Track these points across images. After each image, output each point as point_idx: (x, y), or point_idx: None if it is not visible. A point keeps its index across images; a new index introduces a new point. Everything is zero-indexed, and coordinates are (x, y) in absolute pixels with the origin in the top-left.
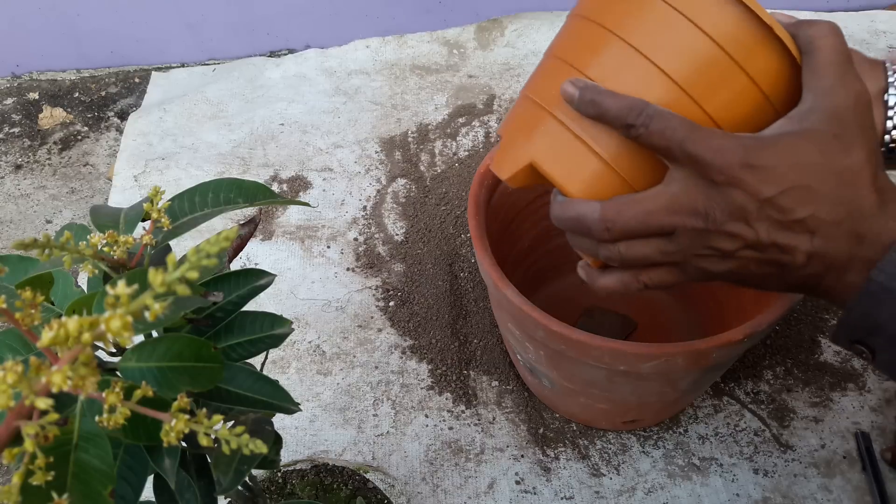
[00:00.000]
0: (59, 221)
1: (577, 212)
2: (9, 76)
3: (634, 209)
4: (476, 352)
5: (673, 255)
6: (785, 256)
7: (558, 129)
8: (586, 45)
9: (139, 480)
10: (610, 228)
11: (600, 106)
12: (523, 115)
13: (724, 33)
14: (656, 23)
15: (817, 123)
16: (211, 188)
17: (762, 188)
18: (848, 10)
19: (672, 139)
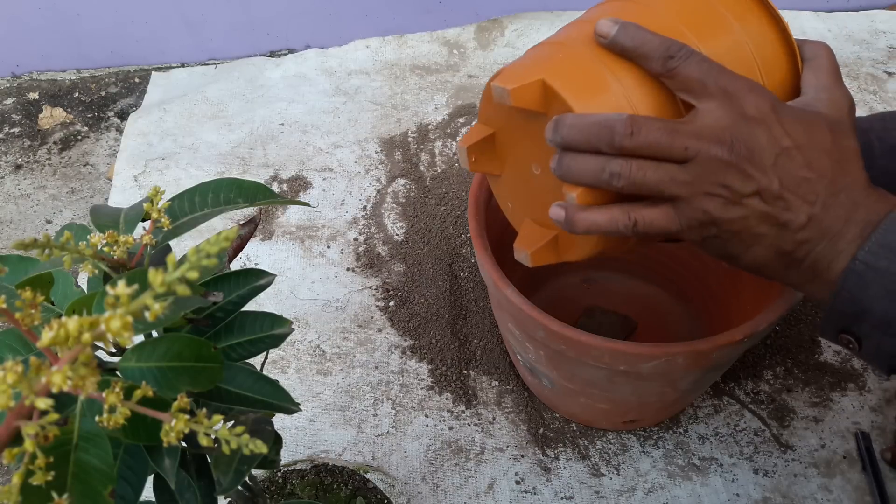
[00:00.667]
0: (59, 221)
1: (603, 116)
2: (9, 76)
3: (663, 124)
4: (476, 352)
5: (682, 185)
6: (787, 214)
7: (577, 54)
8: (609, 11)
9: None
10: (635, 133)
11: (643, 38)
12: (535, 52)
13: (750, 29)
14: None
15: (822, 108)
16: (211, 188)
17: (783, 138)
18: (848, 10)
19: (709, 71)
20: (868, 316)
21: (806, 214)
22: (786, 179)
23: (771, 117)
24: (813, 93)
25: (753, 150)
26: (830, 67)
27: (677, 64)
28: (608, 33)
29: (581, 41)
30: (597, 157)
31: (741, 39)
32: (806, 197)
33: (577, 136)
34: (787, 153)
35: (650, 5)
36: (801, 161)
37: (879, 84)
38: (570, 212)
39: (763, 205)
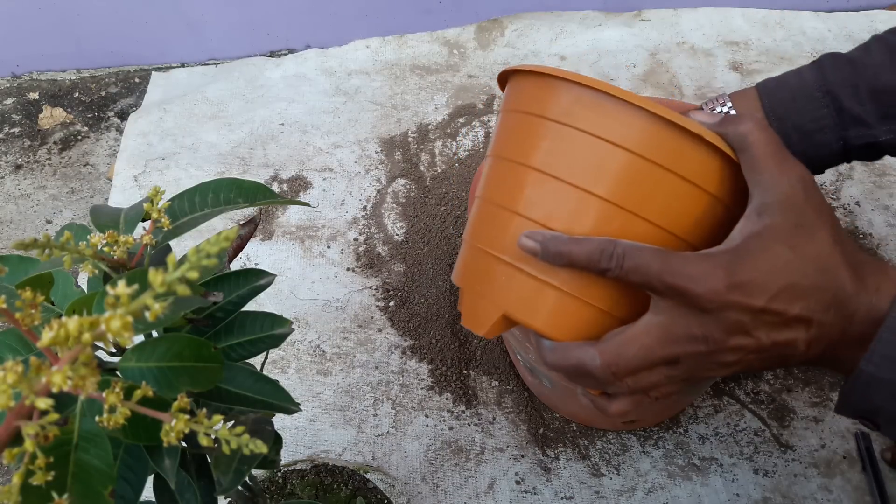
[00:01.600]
0: (59, 221)
1: (577, 359)
2: (9, 76)
3: (634, 348)
4: (476, 352)
5: (679, 376)
6: (787, 349)
7: (522, 278)
8: (515, 185)
9: (139, 480)
10: (615, 372)
11: (569, 256)
12: (477, 266)
13: (648, 147)
14: (579, 151)
15: (776, 218)
16: (211, 188)
17: (753, 301)
18: (848, 10)
19: (649, 274)
20: (880, 413)
21: (804, 342)
22: (772, 331)
23: (732, 296)
24: (760, 195)
25: (730, 330)
26: (766, 151)
27: (615, 274)
28: (535, 251)
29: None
30: (592, 381)
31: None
32: (796, 331)
33: (562, 369)
34: (764, 310)
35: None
36: (780, 307)
37: None
38: (598, 404)
39: (761, 354)
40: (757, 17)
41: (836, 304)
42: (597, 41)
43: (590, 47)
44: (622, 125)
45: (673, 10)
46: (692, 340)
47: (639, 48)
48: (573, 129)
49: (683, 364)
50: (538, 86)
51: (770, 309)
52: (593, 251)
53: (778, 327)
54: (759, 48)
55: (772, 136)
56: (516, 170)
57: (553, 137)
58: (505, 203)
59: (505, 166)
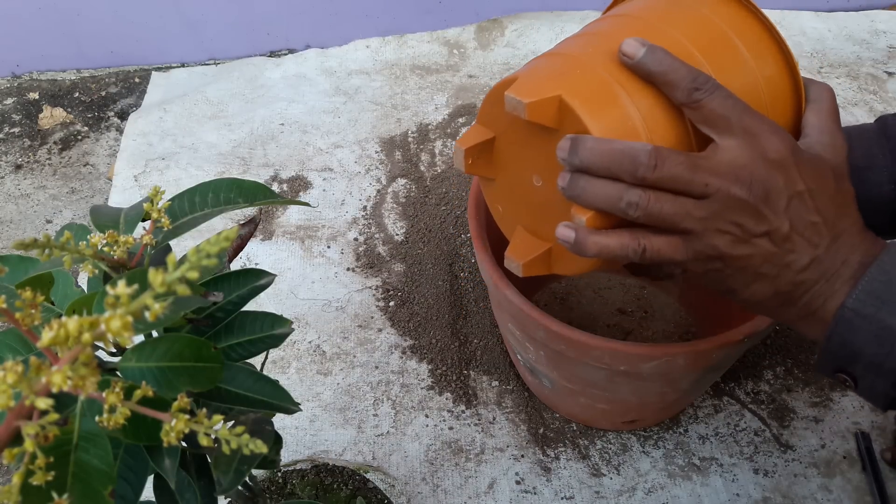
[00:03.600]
0: (59, 221)
1: (626, 145)
2: (9, 76)
3: (685, 159)
4: (476, 352)
5: (696, 221)
6: (791, 255)
7: (595, 73)
8: (624, 25)
9: (139, 480)
10: (658, 166)
11: (671, 65)
12: (546, 62)
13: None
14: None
15: (825, 153)
16: (211, 188)
17: (798, 182)
18: (848, 10)
19: (734, 108)
20: (859, 358)
21: (809, 257)
22: (796, 222)
23: (789, 161)
24: (816, 135)
25: (770, 192)
26: (832, 111)
27: (703, 97)
28: (634, 55)
29: (599, 58)
30: (614, 183)
31: (753, 72)
32: (811, 240)
33: (596, 160)
34: (800, 197)
35: (665, 27)
36: (811, 205)
37: (879, 84)
38: (580, 234)
39: (771, 245)
40: None
41: (844, 235)
42: None
43: None
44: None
45: None
46: (737, 181)
47: None
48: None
49: (712, 204)
50: None
51: (805, 198)
52: (693, 70)
53: (803, 215)
54: None
55: (837, 108)
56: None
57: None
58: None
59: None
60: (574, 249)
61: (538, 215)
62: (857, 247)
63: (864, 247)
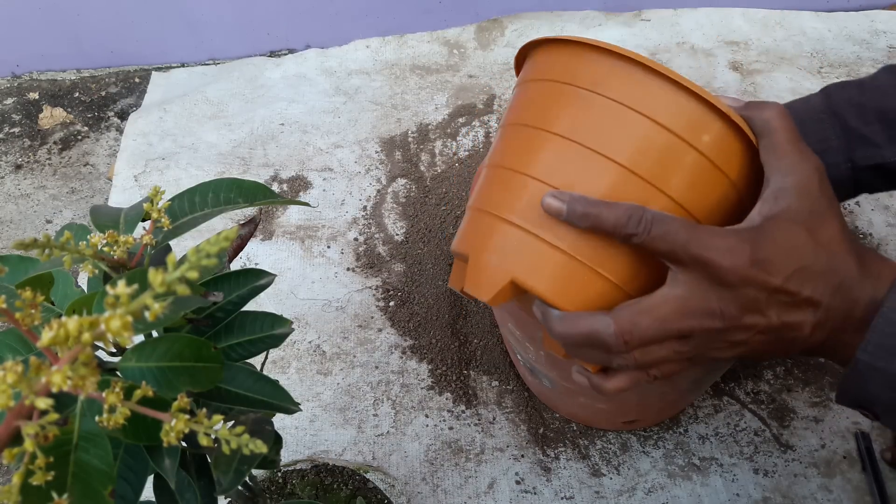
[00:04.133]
0: (59, 221)
1: (590, 328)
2: (9, 76)
3: (649, 319)
4: (476, 352)
5: (688, 352)
6: (793, 332)
7: (532, 241)
8: (535, 151)
9: (139, 480)
10: (628, 341)
11: (596, 218)
12: (483, 230)
13: (676, 121)
14: (607, 119)
15: (793, 202)
16: (211, 188)
17: (770, 279)
18: (848, 10)
19: (676, 243)
20: (877, 402)
21: (810, 326)
22: (783, 311)
23: (750, 273)
24: (778, 179)
25: (745, 307)
26: (786, 137)
27: (641, 239)
28: (559, 213)
29: (519, 209)
30: (600, 352)
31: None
32: (805, 313)
33: (570, 338)
34: (779, 290)
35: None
36: (794, 287)
37: None
38: (593, 381)
39: (768, 337)
40: (757, 17)
41: (842, 288)
42: None
43: None
44: (654, 97)
45: (673, 9)
46: (708, 315)
47: (639, 48)
48: (604, 98)
49: (695, 340)
50: (570, 54)
51: (784, 289)
52: (621, 215)
53: (789, 308)
54: (759, 48)
55: (792, 124)
56: (537, 135)
57: (581, 105)
58: (522, 168)
59: (524, 132)
60: (594, 392)
61: None
62: (861, 284)
63: (864, 293)
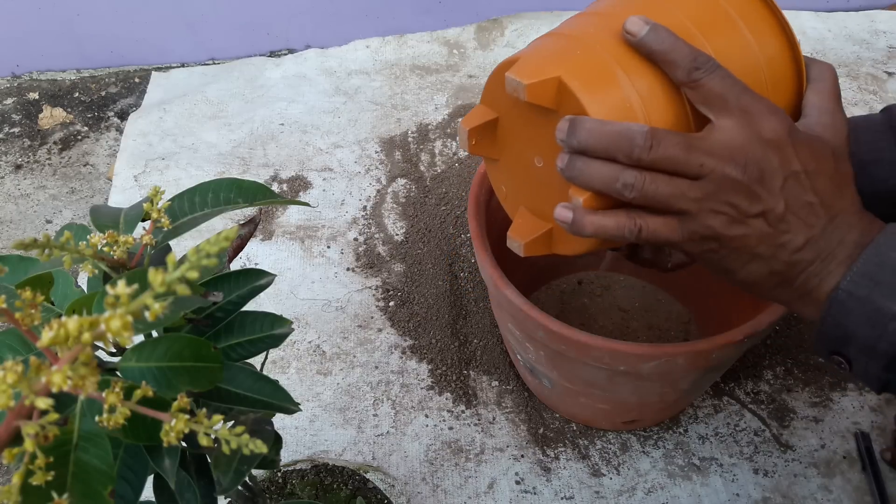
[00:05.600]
0: (59, 221)
1: (623, 126)
2: (9, 76)
3: (681, 139)
4: (476, 352)
5: (691, 201)
6: (787, 235)
7: (595, 53)
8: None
9: (139, 480)
10: (654, 146)
11: (673, 44)
12: (546, 43)
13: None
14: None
15: (824, 133)
16: (211, 188)
17: (794, 162)
18: (848, 10)
19: (732, 88)
20: (853, 340)
21: (804, 237)
22: (791, 203)
23: (785, 141)
24: (816, 115)
25: (765, 173)
26: (834, 91)
27: (702, 76)
28: (637, 32)
29: (602, 37)
30: (610, 164)
31: (755, 53)
32: (807, 220)
33: (593, 141)
34: (796, 177)
35: (669, 7)
36: (807, 186)
37: (879, 84)
38: (577, 214)
39: (766, 226)
40: None
41: (841, 216)
42: None
43: None
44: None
45: None
46: (732, 162)
47: None
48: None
49: (707, 185)
50: None
51: (801, 178)
52: (694, 50)
53: (799, 195)
54: None
55: (838, 84)
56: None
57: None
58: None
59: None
60: (571, 230)
61: (540, 195)
62: (855, 227)
63: (862, 227)
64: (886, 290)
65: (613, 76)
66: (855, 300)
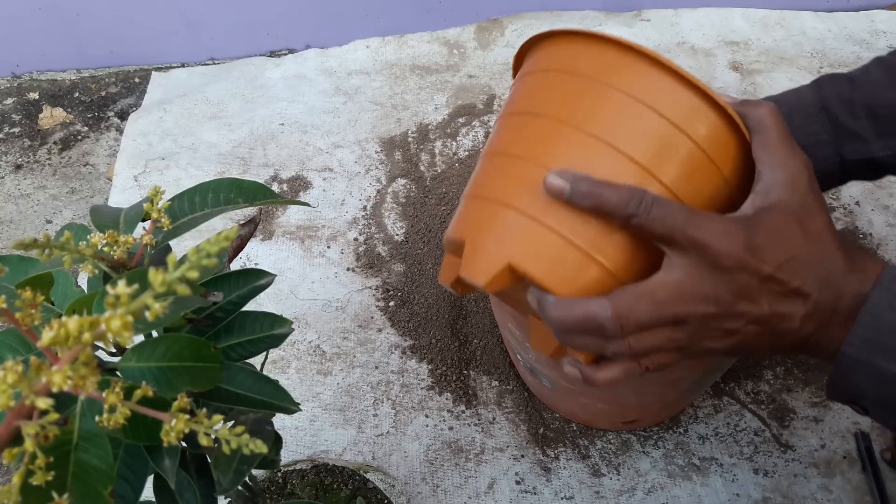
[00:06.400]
0: (59, 221)
1: (586, 311)
2: (9, 76)
3: (646, 302)
4: (476, 352)
5: (680, 341)
6: (784, 324)
7: (531, 225)
8: (538, 138)
9: (139, 480)
10: (624, 325)
11: (598, 197)
12: (481, 216)
13: (675, 111)
14: (607, 107)
15: (784, 196)
16: (211, 188)
17: (762, 266)
18: (848, 10)
19: (674, 225)
20: (865, 396)
21: (799, 318)
22: (774, 300)
23: (745, 257)
24: (769, 174)
25: (738, 293)
26: (778, 134)
27: (640, 220)
28: (561, 192)
29: (520, 194)
30: (595, 339)
31: (685, 142)
32: (794, 305)
33: (566, 324)
34: (771, 278)
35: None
36: (784, 276)
37: None
38: (585, 372)
39: (759, 327)
40: (757, 17)
41: (829, 281)
42: None
43: None
44: (655, 87)
45: (673, 10)
46: (703, 299)
47: None
48: (605, 86)
49: (689, 327)
50: (572, 45)
51: (776, 277)
52: (623, 195)
53: (779, 297)
54: (759, 48)
55: (783, 122)
56: (537, 122)
57: (581, 93)
58: (524, 154)
59: (523, 120)
60: (585, 384)
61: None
62: (848, 276)
63: (856, 273)
64: (888, 352)
65: (557, 241)
66: (860, 364)
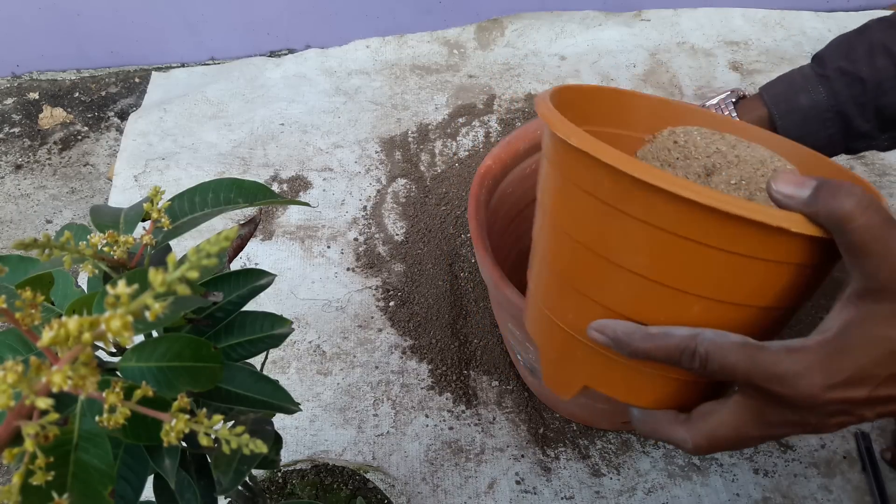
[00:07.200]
0: (59, 221)
1: (668, 436)
2: (9, 76)
3: (726, 430)
4: (476, 352)
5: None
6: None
7: (599, 357)
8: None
9: (139, 480)
10: (707, 450)
11: (645, 354)
12: (553, 335)
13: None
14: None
15: (880, 304)
16: (211, 188)
17: (856, 394)
18: (848, 10)
19: (736, 374)
20: None
21: None
22: (878, 408)
23: (827, 396)
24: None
25: (830, 415)
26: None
27: (698, 372)
28: (608, 345)
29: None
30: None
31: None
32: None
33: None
34: (867, 400)
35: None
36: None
37: None
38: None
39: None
40: (757, 17)
41: None
42: (597, 41)
43: (590, 47)
44: (699, 224)
45: (673, 9)
46: (789, 425)
47: (639, 48)
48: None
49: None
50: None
51: (875, 397)
52: (672, 351)
53: (884, 404)
54: (759, 48)
55: (875, 216)
56: (577, 248)
57: (618, 227)
58: (571, 280)
59: (565, 240)
60: None
61: None
62: None
63: None
64: None
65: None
66: None
